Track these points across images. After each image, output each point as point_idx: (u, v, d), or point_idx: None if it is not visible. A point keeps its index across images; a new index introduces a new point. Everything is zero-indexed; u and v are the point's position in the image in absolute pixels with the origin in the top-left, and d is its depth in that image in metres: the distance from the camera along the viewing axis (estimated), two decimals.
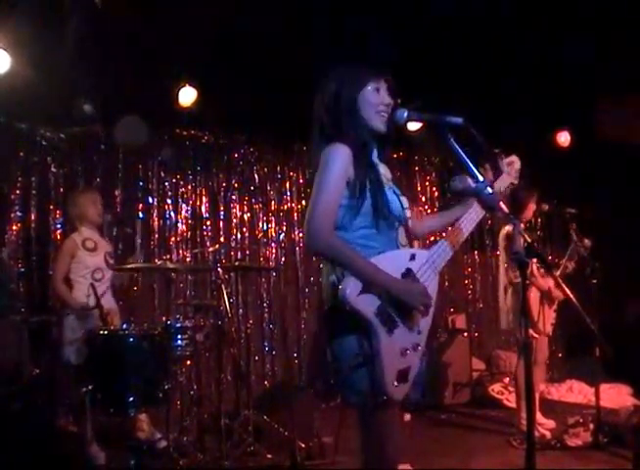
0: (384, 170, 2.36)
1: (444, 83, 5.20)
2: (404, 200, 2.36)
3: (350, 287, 2.06)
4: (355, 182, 2.18)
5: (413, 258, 2.23)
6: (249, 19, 4.67)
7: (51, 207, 5.45)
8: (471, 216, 2.41)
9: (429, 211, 7.40)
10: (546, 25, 5.00)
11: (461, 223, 2.39)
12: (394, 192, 2.33)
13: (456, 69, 5.26)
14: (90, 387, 3.80)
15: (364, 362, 2.10)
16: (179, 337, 4.22)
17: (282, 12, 4.64)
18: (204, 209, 6.20)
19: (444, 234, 2.39)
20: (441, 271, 2.32)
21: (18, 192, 5.34)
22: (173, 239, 6.02)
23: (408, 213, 2.37)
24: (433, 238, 4.95)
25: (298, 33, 4.79)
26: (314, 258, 5.87)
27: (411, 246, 2.36)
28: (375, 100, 2.30)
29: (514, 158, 2.62)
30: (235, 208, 6.36)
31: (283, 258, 6.55)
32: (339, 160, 2.16)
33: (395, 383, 2.12)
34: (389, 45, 4.62)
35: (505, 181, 2.58)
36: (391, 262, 2.17)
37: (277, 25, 4.74)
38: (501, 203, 2.26)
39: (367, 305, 2.08)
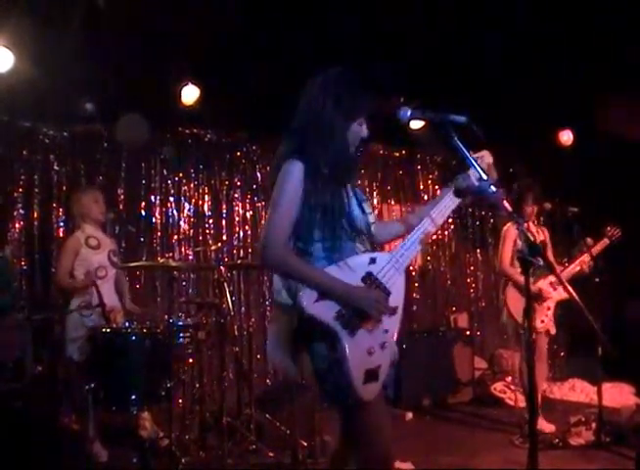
0: None
1: (446, 83, 5.19)
2: (367, 205, 2.38)
3: (307, 295, 2.12)
4: (315, 198, 2.19)
5: (373, 261, 2.24)
6: (251, 17, 4.67)
7: (53, 205, 5.46)
8: (440, 209, 2.43)
9: None
10: (546, 25, 4.99)
11: (432, 215, 2.40)
12: (357, 200, 2.35)
13: (458, 68, 5.26)
14: (93, 385, 3.81)
15: (332, 366, 2.11)
16: (181, 335, 4.23)
17: (283, 11, 4.64)
18: (206, 207, 6.20)
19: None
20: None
21: (20, 190, 5.35)
22: (176, 237, 6.03)
23: (371, 219, 2.38)
24: None
25: (300, 32, 4.78)
26: None
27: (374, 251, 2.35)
28: (358, 132, 2.34)
29: (484, 152, 2.54)
30: (237, 206, 6.36)
31: None
32: (294, 177, 2.19)
33: (364, 383, 2.13)
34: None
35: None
36: (350, 269, 2.18)
37: (278, 24, 4.74)
38: (504, 201, 2.26)
39: (325, 311, 2.12)
